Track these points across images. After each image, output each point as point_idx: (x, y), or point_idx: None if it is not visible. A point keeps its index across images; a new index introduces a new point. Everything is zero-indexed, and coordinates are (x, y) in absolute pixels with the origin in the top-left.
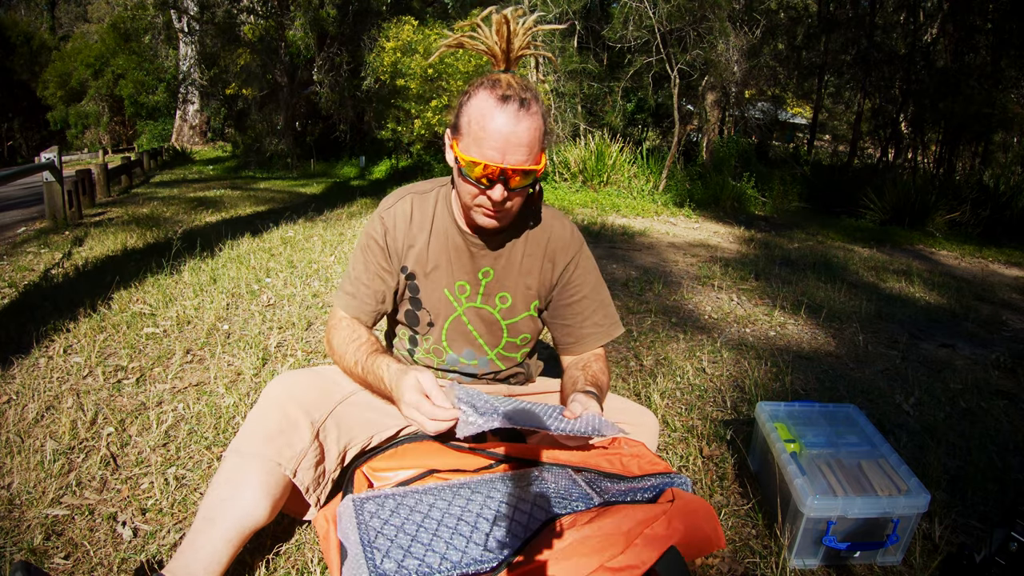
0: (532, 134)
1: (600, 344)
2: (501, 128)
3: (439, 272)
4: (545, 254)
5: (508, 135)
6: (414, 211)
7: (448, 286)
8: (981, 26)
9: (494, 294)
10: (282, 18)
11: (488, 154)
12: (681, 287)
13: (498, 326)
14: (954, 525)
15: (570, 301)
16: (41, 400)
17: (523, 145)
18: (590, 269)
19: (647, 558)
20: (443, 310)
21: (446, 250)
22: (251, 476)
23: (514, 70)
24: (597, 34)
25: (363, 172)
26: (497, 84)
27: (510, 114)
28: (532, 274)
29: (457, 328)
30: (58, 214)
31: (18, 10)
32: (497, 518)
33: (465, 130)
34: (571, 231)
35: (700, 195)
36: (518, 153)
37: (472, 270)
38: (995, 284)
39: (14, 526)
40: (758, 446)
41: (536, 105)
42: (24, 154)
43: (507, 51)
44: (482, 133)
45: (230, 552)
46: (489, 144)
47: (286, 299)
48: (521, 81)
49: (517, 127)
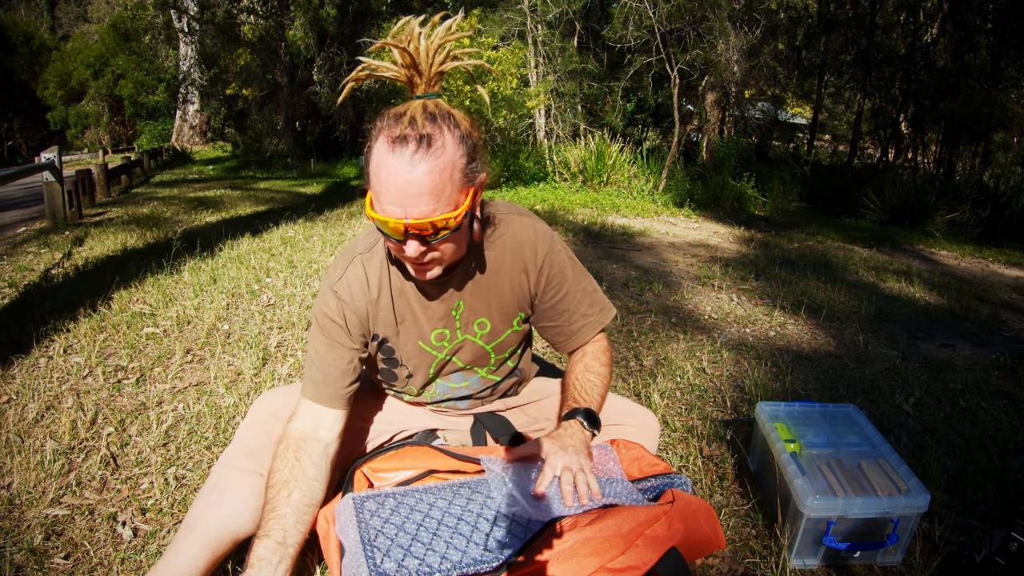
0: (436, 178)
1: (594, 334)
2: (396, 180)
3: (408, 326)
4: (514, 266)
5: (404, 186)
6: (368, 275)
7: (422, 338)
8: (981, 26)
9: (471, 323)
10: (282, 18)
11: (388, 210)
12: (681, 287)
13: (483, 351)
14: (954, 525)
15: (553, 302)
16: (41, 400)
17: (424, 194)
18: (565, 262)
19: (648, 559)
20: (421, 361)
21: (409, 303)
22: (234, 486)
23: (436, 92)
24: (597, 34)
25: (363, 172)
26: (397, 121)
27: (404, 160)
28: (505, 293)
29: (441, 366)
30: (58, 214)
31: (18, 10)
32: (497, 518)
33: (370, 180)
34: (534, 231)
35: (700, 195)
36: (420, 204)
37: (444, 313)
38: (995, 284)
39: (14, 526)
40: (758, 446)
41: (445, 137)
42: (24, 154)
43: (416, 74)
44: (379, 186)
45: (209, 558)
46: (387, 198)
47: (286, 299)
48: (434, 110)
49: (413, 174)
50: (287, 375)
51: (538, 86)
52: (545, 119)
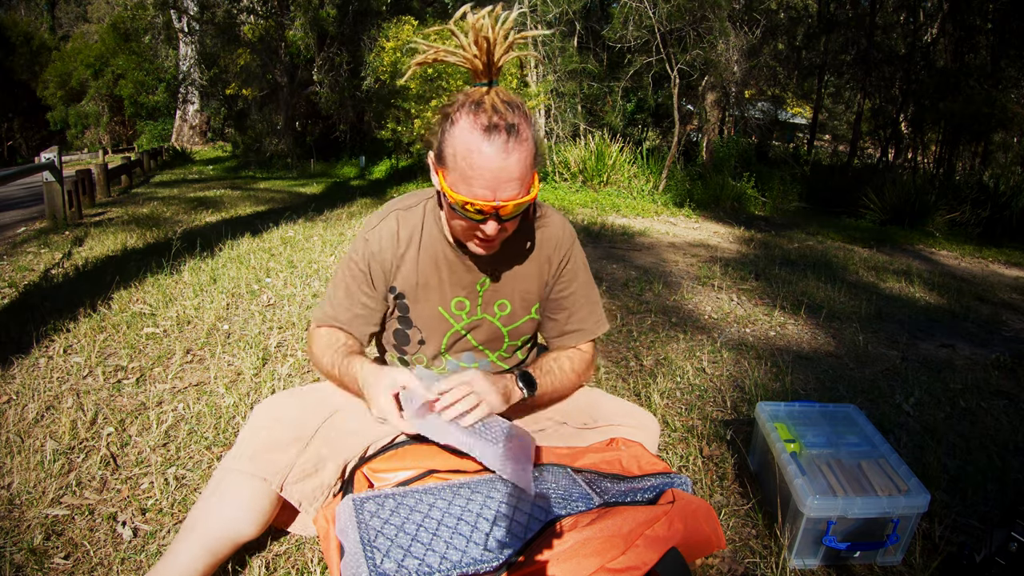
0: (523, 164)
1: (583, 340)
2: (490, 166)
3: (430, 290)
4: (541, 254)
5: (498, 172)
6: (400, 229)
7: (443, 304)
8: (981, 26)
9: (492, 302)
10: (282, 18)
11: (478, 192)
12: (681, 287)
13: (499, 333)
14: (954, 525)
15: (558, 296)
16: (41, 400)
17: (514, 179)
18: (580, 265)
19: (648, 559)
20: (437, 327)
21: (436, 266)
22: (236, 489)
23: (496, 80)
24: (597, 34)
25: (363, 172)
26: (481, 109)
27: (498, 148)
28: (530, 278)
29: (455, 339)
30: (58, 214)
31: (18, 10)
32: (497, 518)
33: (451, 164)
34: (563, 227)
35: (700, 195)
36: (510, 188)
37: (469, 283)
38: (995, 284)
39: (14, 526)
40: (758, 446)
41: (526, 127)
42: (24, 154)
43: (488, 63)
44: (470, 171)
45: (208, 560)
46: (479, 183)
47: (286, 299)
48: (506, 98)
49: (507, 162)
50: (287, 375)
51: (538, 86)
52: (545, 119)
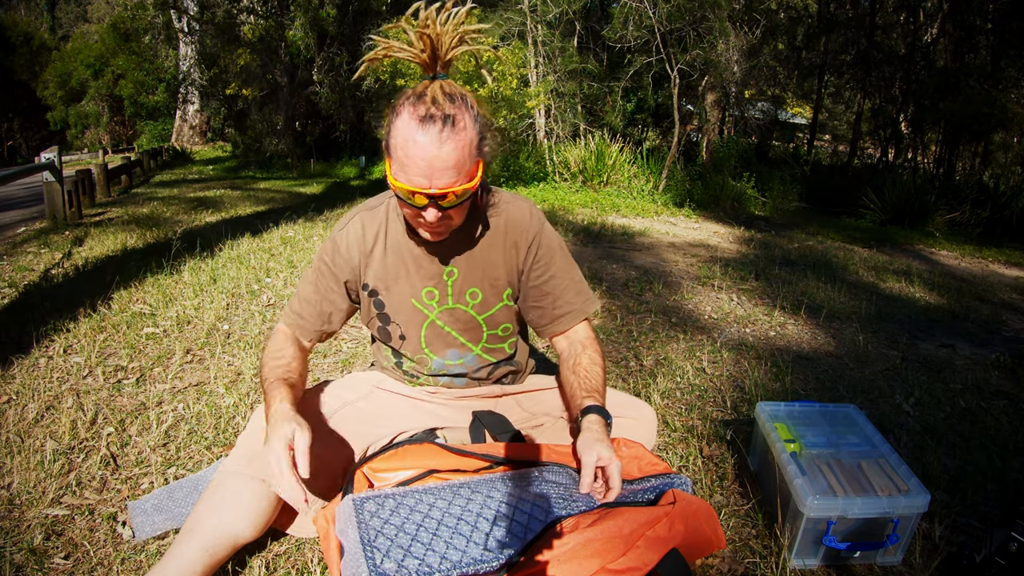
0: (460, 153)
1: (575, 323)
2: (424, 154)
3: (400, 282)
4: (507, 240)
5: (431, 160)
6: (366, 228)
7: (414, 295)
8: (981, 26)
9: (463, 291)
10: (282, 18)
11: (415, 180)
12: (681, 287)
13: (475, 322)
14: (954, 525)
15: (539, 282)
16: (41, 400)
17: (449, 168)
18: (555, 247)
19: (649, 560)
20: (413, 319)
21: (403, 260)
22: (235, 491)
23: (445, 74)
24: (597, 34)
25: (363, 172)
26: (421, 101)
27: (432, 137)
28: (497, 265)
29: (433, 333)
30: (58, 214)
31: (18, 10)
32: (497, 518)
33: (393, 153)
34: (528, 212)
35: (700, 195)
36: (445, 176)
37: (435, 273)
38: (995, 284)
39: (14, 526)
40: (758, 446)
41: (465, 117)
42: (24, 154)
43: (433, 57)
44: (406, 160)
45: (207, 561)
46: (414, 170)
47: (286, 299)
48: (449, 90)
49: (440, 151)
50: None
51: (538, 86)
52: (545, 119)
